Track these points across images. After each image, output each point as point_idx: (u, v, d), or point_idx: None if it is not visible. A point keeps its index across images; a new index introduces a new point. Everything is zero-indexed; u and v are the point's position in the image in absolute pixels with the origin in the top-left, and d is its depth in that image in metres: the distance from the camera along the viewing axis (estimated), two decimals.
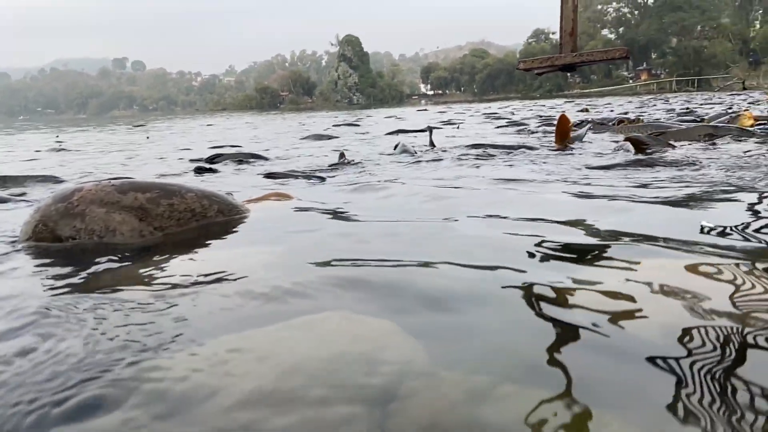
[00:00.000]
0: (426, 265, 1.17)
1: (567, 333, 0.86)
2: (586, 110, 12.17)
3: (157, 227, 1.72)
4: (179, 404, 0.73)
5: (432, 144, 4.26)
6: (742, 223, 1.42)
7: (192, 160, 4.28)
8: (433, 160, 3.23)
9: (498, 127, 7.09)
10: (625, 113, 8.62)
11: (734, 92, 24.72)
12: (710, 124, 3.83)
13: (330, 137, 6.62)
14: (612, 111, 10.90)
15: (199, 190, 1.87)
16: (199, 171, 3.39)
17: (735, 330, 0.83)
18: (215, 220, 1.81)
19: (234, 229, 1.71)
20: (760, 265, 1.09)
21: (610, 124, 5.23)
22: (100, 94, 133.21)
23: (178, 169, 3.64)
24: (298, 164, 3.54)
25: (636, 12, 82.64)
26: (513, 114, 12.04)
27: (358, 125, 10.13)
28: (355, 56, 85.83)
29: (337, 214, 1.80)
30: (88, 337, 0.90)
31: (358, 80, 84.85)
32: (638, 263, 1.15)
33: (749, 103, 10.45)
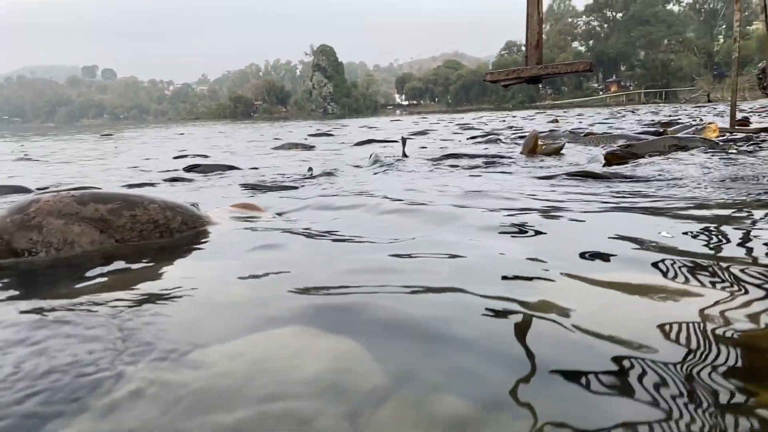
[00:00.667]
0: (387, 284, 1.16)
1: (525, 352, 0.86)
2: (556, 121, 12.35)
3: (118, 239, 1.68)
4: (133, 420, 0.71)
5: (404, 154, 4.27)
6: (700, 235, 1.44)
7: (161, 171, 4.21)
8: (406, 171, 3.24)
9: (471, 137, 7.14)
10: (591, 125, 8.76)
11: (700, 104, 25.35)
12: (676, 135, 3.91)
13: (306, 147, 6.58)
14: (581, 122, 11.07)
15: (162, 201, 1.84)
16: (173, 181, 3.34)
17: (698, 340, 0.84)
18: (179, 232, 1.78)
19: (197, 242, 1.68)
20: (719, 274, 1.10)
21: (582, 135, 5.33)
22: (68, 102, 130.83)
23: (145, 179, 3.57)
24: (270, 175, 3.51)
25: (605, 25, 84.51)
26: (486, 124, 12.15)
27: (332, 135, 10.11)
28: (330, 66, 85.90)
29: (303, 229, 1.78)
30: (35, 353, 0.87)
31: (333, 90, 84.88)
32: (599, 276, 1.16)
33: (714, 115, 10.72)
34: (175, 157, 5.21)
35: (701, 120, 5.64)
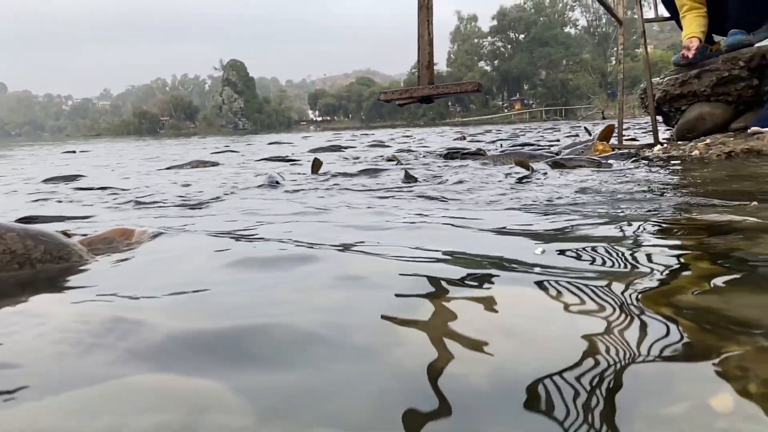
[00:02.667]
0: (248, 332, 1.09)
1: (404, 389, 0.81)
2: (464, 138, 12.69)
3: None
4: None
5: (314, 173, 4.19)
6: (569, 250, 1.47)
7: (33, 193, 3.87)
8: (301, 192, 3.16)
9: (379, 154, 7.18)
10: (494, 141, 9.08)
11: (596, 121, 27.08)
12: (563, 157, 4.10)
13: (213, 164, 6.33)
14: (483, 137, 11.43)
15: (22, 228, 1.66)
16: (44, 203, 3.09)
17: (571, 362, 0.82)
18: (41, 262, 1.61)
19: (60, 273, 1.53)
20: (591, 292, 1.11)
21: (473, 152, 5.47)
22: None
23: (12, 203, 3.28)
24: (162, 196, 3.32)
25: (509, 46, 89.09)
26: (393, 140, 12.31)
27: (238, 152, 9.85)
28: (240, 81, 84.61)
29: (177, 261, 1.66)
30: None
31: (244, 105, 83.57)
32: (480, 293, 1.14)
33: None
34: (47, 180, 4.78)
35: (590, 137, 5.96)
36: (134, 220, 2.41)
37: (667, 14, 5.20)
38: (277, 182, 3.52)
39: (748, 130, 3.96)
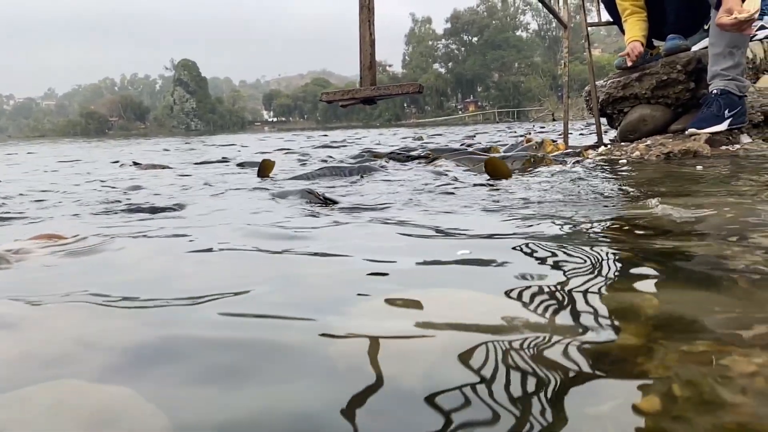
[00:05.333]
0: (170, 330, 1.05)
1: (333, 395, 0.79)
2: (421, 138, 12.75)
3: None
4: None
5: (261, 176, 4.09)
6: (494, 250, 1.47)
7: None
8: (229, 195, 3.09)
9: (330, 155, 7.12)
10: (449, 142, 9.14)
11: (547, 122, 27.74)
12: (503, 155, 4.16)
13: (163, 167, 6.12)
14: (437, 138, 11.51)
15: None
16: None
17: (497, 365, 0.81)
18: None
19: None
20: (517, 292, 1.11)
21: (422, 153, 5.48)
22: None
23: None
24: (100, 202, 3.19)
25: (463, 49, 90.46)
26: (348, 140, 12.26)
27: (170, 152, 9.60)
28: (192, 81, 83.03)
29: (105, 269, 1.59)
30: None
31: (196, 105, 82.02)
32: (401, 296, 1.13)
33: (539, 129, 11.65)
34: None
35: (531, 138, 6.08)
36: (79, 225, 2.30)
37: (610, 19, 5.34)
38: (215, 187, 3.41)
39: (686, 132, 4.10)
